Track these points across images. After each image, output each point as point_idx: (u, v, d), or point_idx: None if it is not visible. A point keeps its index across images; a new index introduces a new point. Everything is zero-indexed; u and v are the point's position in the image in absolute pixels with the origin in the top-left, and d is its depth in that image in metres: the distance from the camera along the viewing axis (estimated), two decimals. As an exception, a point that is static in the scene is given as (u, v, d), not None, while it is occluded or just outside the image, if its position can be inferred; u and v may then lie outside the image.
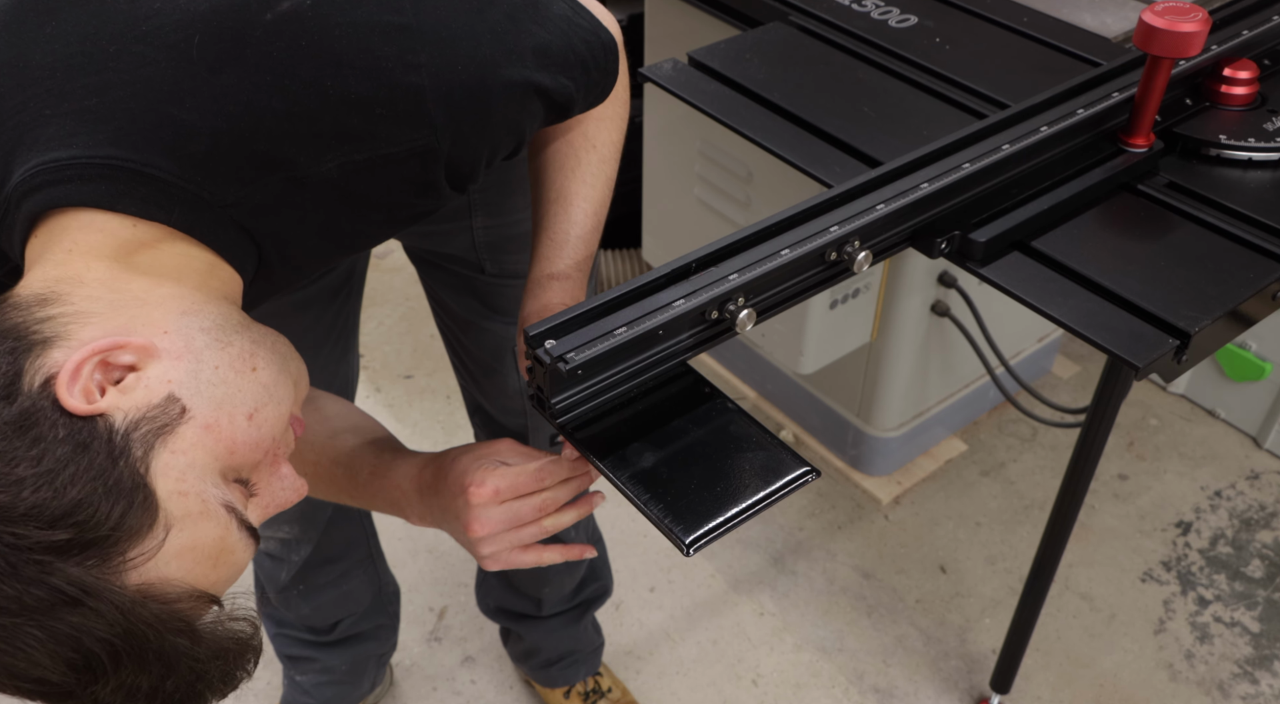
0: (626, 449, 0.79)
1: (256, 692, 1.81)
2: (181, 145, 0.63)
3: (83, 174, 0.62)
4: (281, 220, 0.69)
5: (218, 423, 0.62)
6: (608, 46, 0.82)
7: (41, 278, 0.63)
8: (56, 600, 0.54)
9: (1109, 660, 1.84)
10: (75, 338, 0.60)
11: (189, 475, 0.60)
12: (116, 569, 0.56)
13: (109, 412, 0.58)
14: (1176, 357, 0.87)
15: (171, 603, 0.58)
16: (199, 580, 0.60)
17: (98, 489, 0.56)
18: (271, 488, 0.68)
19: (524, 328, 0.78)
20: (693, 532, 0.74)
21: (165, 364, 0.61)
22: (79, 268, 0.63)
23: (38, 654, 0.54)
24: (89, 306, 0.61)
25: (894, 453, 2.12)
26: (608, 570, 1.68)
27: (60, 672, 0.55)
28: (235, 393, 0.64)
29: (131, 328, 0.61)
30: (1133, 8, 1.36)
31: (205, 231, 0.66)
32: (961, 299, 1.91)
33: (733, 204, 1.80)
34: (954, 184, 0.93)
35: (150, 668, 0.57)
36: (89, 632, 0.54)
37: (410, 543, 2.04)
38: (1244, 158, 1.05)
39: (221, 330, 0.65)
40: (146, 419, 0.59)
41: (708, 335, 0.83)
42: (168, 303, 0.64)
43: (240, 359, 0.65)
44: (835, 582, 1.98)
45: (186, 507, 0.60)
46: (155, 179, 0.63)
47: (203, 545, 0.60)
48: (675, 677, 1.84)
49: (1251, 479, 2.16)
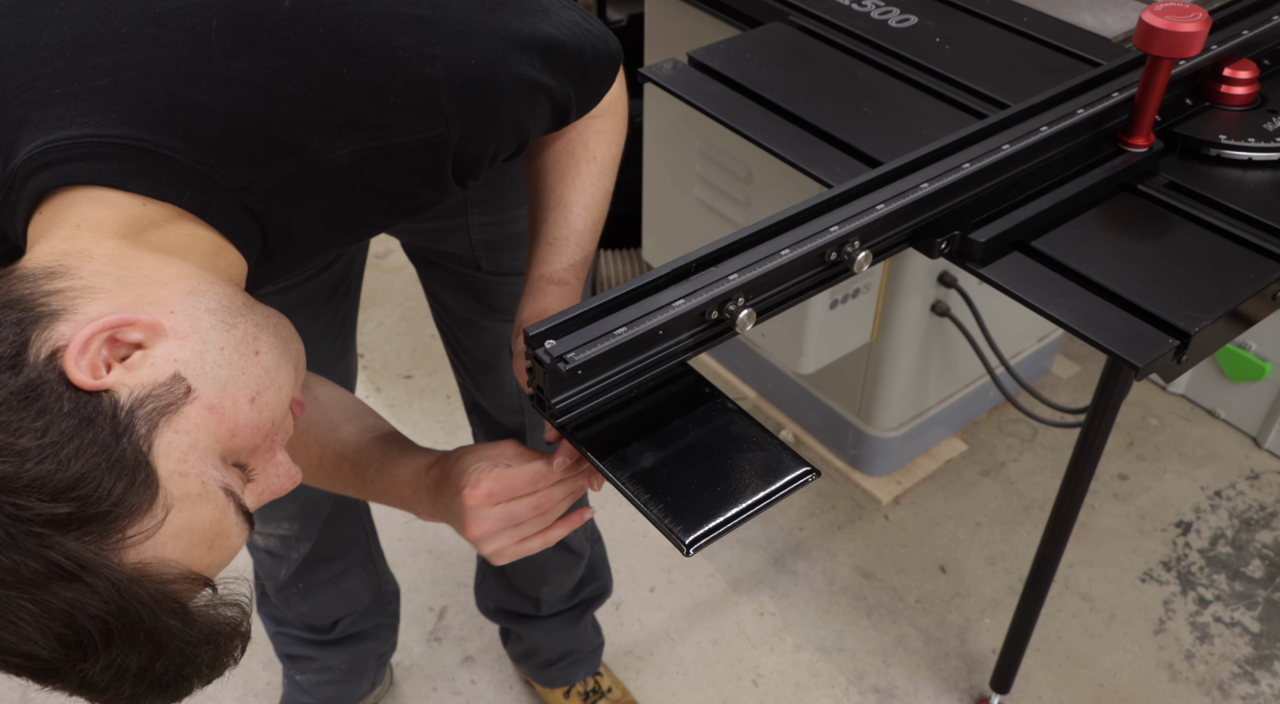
0: (626, 449, 0.79)
1: (257, 692, 1.81)
2: (195, 127, 0.63)
3: (94, 152, 0.62)
4: (289, 206, 0.69)
5: (221, 404, 0.62)
6: (614, 56, 0.83)
7: (49, 251, 0.62)
8: (53, 574, 0.53)
9: (1109, 660, 1.84)
10: (82, 312, 0.59)
11: (190, 456, 0.60)
12: (114, 546, 0.56)
13: (114, 387, 0.58)
14: (1176, 357, 0.87)
15: (166, 583, 0.58)
16: (194, 562, 0.60)
17: (101, 464, 0.56)
18: (267, 474, 0.68)
19: (523, 328, 0.78)
20: (693, 532, 0.74)
21: (172, 343, 0.61)
22: (87, 243, 0.63)
23: (29, 628, 0.54)
24: (97, 282, 0.61)
25: (894, 453, 2.12)
26: (607, 570, 1.68)
27: (50, 647, 0.54)
28: (239, 375, 0.64)
29: (139, 305, 0.61)
30: (1133, 8, 1.36)
31: (215, 214, 0.66)
32: (961, 299, 1.91)
33: (733, 204, 1.80)
34: (954, 184, 0.93)
35: (141, 648, 0.56)
36: (83, 607, 0.54)
37: (410, 543, 2.04)
38: (1244, 158, 1.05)
39: (227, 312, 0.65)
40: (151, 397, 0.59)
41: (708, 335, 0.83)
42: (175, 282, 0.64)
43: (245, 342, 0.65)
44: (835, 582, 1.98)
45: (186, 487, 0.60)
46: (168, 160, 0.63)
47: (200, 527, 0.60)
48: (675, 677, 1.84)
49: (1251, 479, 2.16)
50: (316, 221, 0.72)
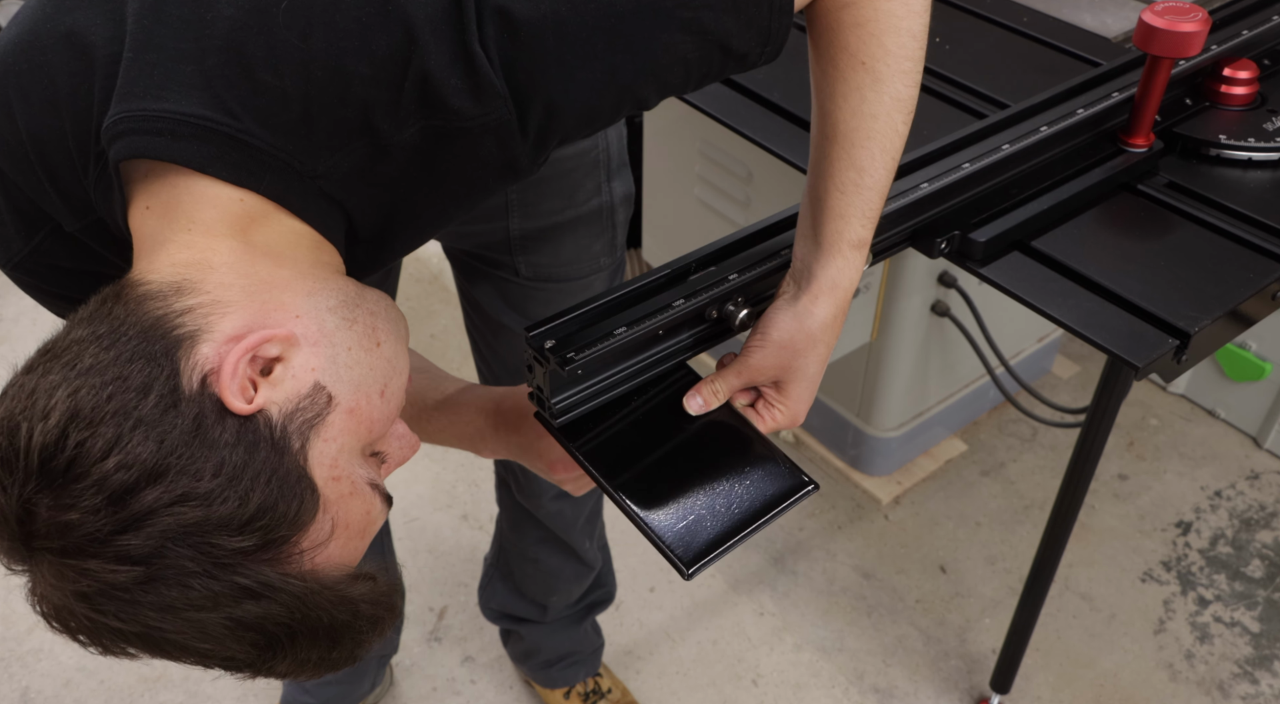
0: (625, 462, 0.79)
1: (257, 692, 1.81)
2: (275, 112, 0.62)
3: (174, 130, 0.61)
4: (366, 192, 0.68)
5: (358, 406, 0.63)
6: None
7: (170, 263, 0.62)
8: (243, 596, 0.57)
9: (1109, 660, 1.84)
10: (217, 330, 0.60)
11: (340, 460, 0.62)
12: (291, 559, 0.59)
13: (266, 407, 0.59)
14: (1176, 357, 0.87)
15: (335, 583, 0.61)
16: (351, 555, 0.63)
17: (274, 489, 0.58)
18: (393, 449, 0.70)
19: (523, 329, 0.78)
20: (692, 555, 0.73)
21: (305, 351, 0.62)
22: (204, 250, 0.62)
23: (227, 640, 0.58)
24: (224, 294, 0.61)
25: (894, 453, 2.12)
26: (612, 577, 1.69)
27: (246, 652, 0.59)
28: (368, 372, 0.65)
29: (266, 314, 0.62)
30: (1133, 8, 1.36)
31: (297, 202, 0.65)
32: (961, 299, 1.91)
33: (733, 204, 1.80)
34: (954, 184, 0.93)
35: (320, 642, 0.60)
36: (271, 619, 0.58)
37: (410, 543, 2.04)
38: (1244, 158, 1.05)
39: (345, 307, 0.65)
40: (299, 411, 0.60)
41: (708, 335, 0.84)
42: (293, 284, 0.64)
43: (366, 336, 0.66)
44: (835, 582, 1.98)
45: (340, 490, 0.61)
46: (247, 145, 0.62)
47: (354, 523, 0.63)
48: (675, 677, 1.84)
49: (1251, 479, 2.16)
50: (395, 209, 0.70)
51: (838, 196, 0.77)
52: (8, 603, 1.94)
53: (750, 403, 0.83)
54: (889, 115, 0.75)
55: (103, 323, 0.60)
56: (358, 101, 0.62)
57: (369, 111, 0.62)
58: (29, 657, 1.86)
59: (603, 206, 1.14)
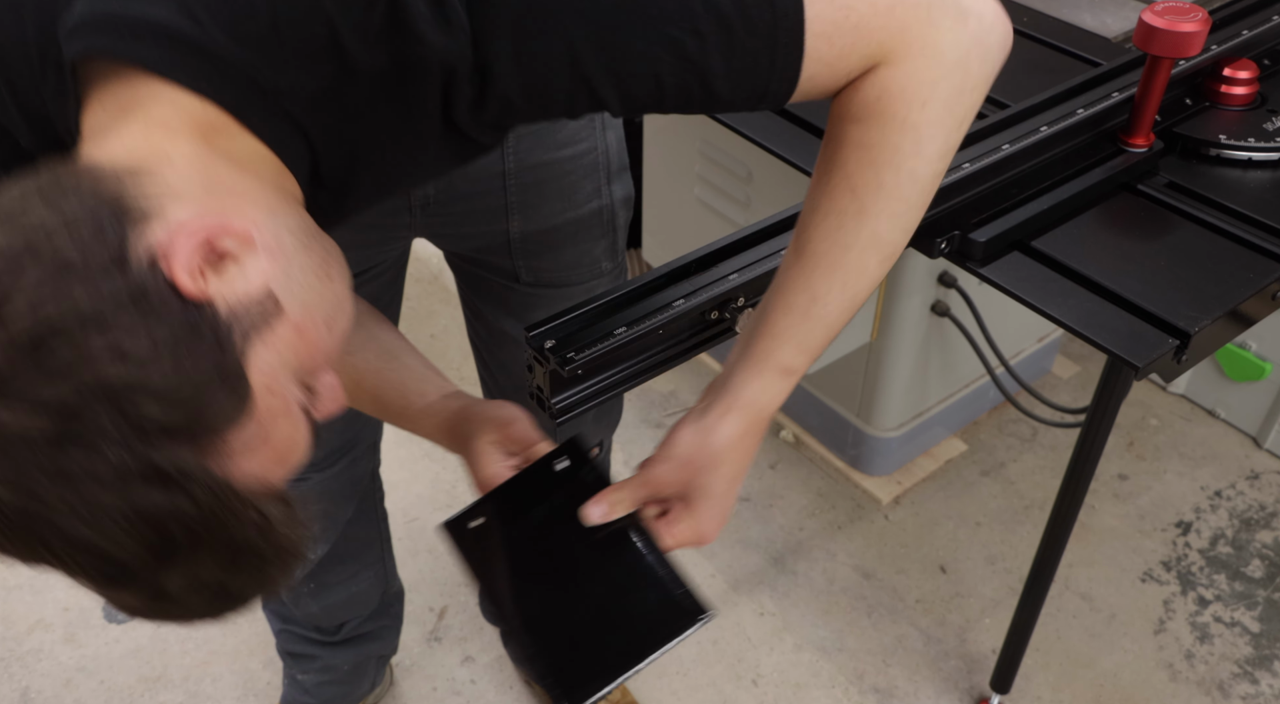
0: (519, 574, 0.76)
1: (257, 692, 1.81)
2: (241, 23, 0.60)
3: (135, 31, 0.59)
4: (330, 122, 0.65)
5: (304, 325, 0.61)
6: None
7: (125, 147, 0.60)
8: (151, 476, 0.52)
9: (1109, 660, 1.84)
10: (170, 215, 0.57)
11: (278, 373, 0.59)
12: (210, 456, 0.55)
13: (214, 299, 0.56)
14: (1176, 357, 0.87)
15: (253, 495, 0.57)
16: (268, 477, 0.60)
17: (210, 374, 0.55)
18: (324, 391, 0.67)
19: (524, 330, 0.78)
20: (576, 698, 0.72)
21: (261, 258, 0.59)
22: (164, 143, 0.60)
23: (115, 528, 0.53)
24: (180, 185, 0.59)
25: (894, 453, 2.12)
26: None
27: (132, 550, 0.53)
28: (319, 298, 0.63)
29: (225, 214, 0.59)
30: (1133, 8, 1.36)
31: (258, 120, 0.63)
32: (961, 299, 1.91)
33: (733, 204, 1.80)
34: (954, 184, 0.93)
35: (220, 559, 0.56)
36: (174, 513, 0.53)
37: (410, 543, 2.04)
38: (1244, 158, 1.05)
39: (304, 233, 0.64)
40: (247, 312, 0.57)
41: (708, 335, 0.84)
42: (255, 197, 0.62)
43: (321, 266, 0.64)
44: (835, 581, 1.98)
45: (272, 403, 0.59)
46: (212, 54, 0.60)
47: (278, 442, 0.60)
48: (675, 677, 1.84)
49: (1251, 479, 2.16)
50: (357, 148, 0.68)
51: (782, 316, 0.74)
52: (8, 603, 1.94)
53: (661, 512, 0.79)
54: (862, 251, 0.71)
55: (49, 181, 0.57)
56: (325, 18, 0.60)
57: (337, 30, 0.60)
58: (29, 657, 1.86)
59: (602, 209, 1.14)
